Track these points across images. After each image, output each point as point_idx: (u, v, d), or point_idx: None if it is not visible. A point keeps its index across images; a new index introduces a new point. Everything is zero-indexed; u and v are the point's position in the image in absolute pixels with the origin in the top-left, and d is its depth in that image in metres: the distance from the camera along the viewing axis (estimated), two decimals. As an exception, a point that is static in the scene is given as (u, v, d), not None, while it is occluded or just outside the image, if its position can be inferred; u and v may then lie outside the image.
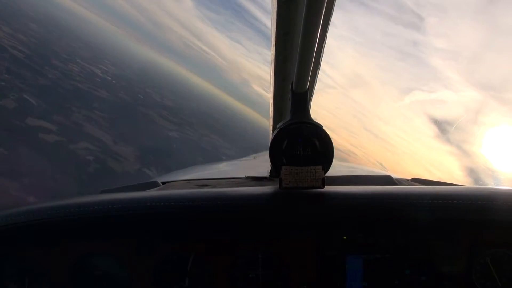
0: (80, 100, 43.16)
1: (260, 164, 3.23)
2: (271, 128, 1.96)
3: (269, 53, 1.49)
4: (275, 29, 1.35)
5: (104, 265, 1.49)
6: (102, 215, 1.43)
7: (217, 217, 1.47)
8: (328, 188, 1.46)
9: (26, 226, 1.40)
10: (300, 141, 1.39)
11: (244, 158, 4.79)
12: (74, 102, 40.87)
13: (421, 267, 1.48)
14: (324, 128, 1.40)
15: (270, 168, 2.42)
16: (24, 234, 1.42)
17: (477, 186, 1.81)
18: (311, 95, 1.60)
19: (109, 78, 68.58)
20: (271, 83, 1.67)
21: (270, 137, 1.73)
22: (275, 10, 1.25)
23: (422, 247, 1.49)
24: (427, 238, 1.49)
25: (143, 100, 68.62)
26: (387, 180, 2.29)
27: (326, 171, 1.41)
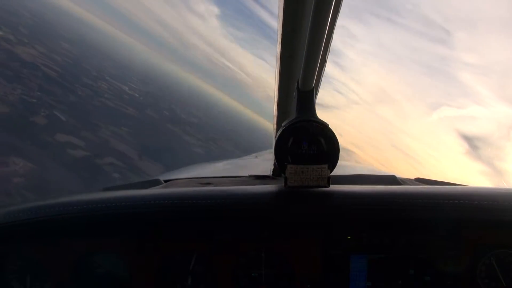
0: (107, 116, 44.19)
1: (262, 163, 3.31)
2: (275, 126, 1.95)
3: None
4: (281, 26, 1.33)
5: (106, 263, 1.49)
6: (104, 212, 1.40)
7: (220, 215, 1.44)
8: (333, 187, 1.44)
9: (27, 224, 1.38)
10: (306, 139, 1.36)
11: (246, 157, 4.75)
12: (102, 119, 41.86)
13: (425, 267, 1.47)
14: (330, 126, 1.38)
15: (272, 167, 2.44)
16: (26, 231, 1.40)
17: (482, 186, 1.76)
18: (317, 94, 1.57)
19: (137, 95, 70.31)
20: (276, 80, 1.66)
21: (274, 135, 1.76)
22: (282, 6, 1.24)
23: (427, 247, 1.47)
24: (432, 238, 1.47)
25: (168, 117, 69.88)
26: (391, 179, 2.31)
27: (331, 170, 1.39)
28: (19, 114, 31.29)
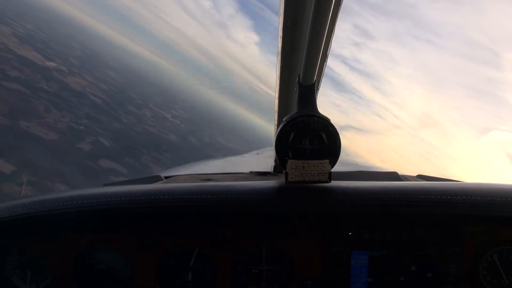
0: (150, 143, 44.85)
1: (263, 160, 3.31)
2: (275, 121, 1.95)
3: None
4: (282, 20, 1.34)
5: (107, 259, 1.48)
6: (105, 208, 1.40)
7: (221, 211, 1.43)
8: (334, 183, 1.43)
9: (28, 219, 1.37)
10: (307, 134, 1.35)
11: (246, 154, 4.70)
12: (145, 145, 42.45)
13: (427, 263, 1.46)
14: (331, 121, 1.37)
15: (273, 164, 2.47)
16: (26, 227, 1.39)
17: (485, 182, 1.65)
18: (318, 89, 1.56)
19: (178, 122, 71.70)
20: (277, 75, 1.66)
21: (275, 130, 1.81)
22: (283, 0, 1.25)
23: (429, 244, 1.46)
24: (434, 235, 1.46)
25: (209, 143, 70.46)
26: (393, 176, 2.32)
27: (333, 165, 1.38)
28: (66, 141, 32.12)
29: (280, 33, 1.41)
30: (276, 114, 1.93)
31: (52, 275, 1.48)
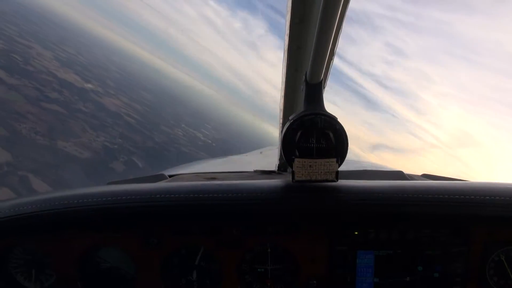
0: (182, 162, 44.96)
1: (267, 159, 3.41)
2: (281, 120, 1.93)
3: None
4: (289, 17, 1.34)
5: (111, 257, 1.49)
6: (109, 206, 1.39)
7: (226, 210, 1.41)
8: (340, 182, 1.42)
9: (32, 217, 1.36)
10: (314, 133, 1.34)
11: (250, 153, 4.64)
12: (177, 164, 42.51)
13: (433, 263, 1.45)
14: (338, 120, 1.36)
15: (277, 163, 2.45)
16: (30, 225, 1.38)
17: (492, 181, 1.63)
18: (325, 86, 1.56)
19: (209, 141, 72.20)
20: (283, 73, 1.65)
21: (280, 128, 1.79)
22: None
23: (435, 243, 1.45)
24: (440, 234, 1.45)
25: (240, 162, 70.07)
26: (399, 175, 2.31)
27: (340, 164, 1.37)
28: (100, 160, 32.55)
29: (287, 31, 1.40)
30: (281, 113, 1.89)
31: (57, 274, 1.47)
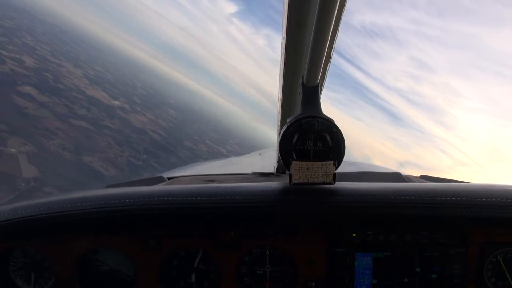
0: (204, 178, 45.03)
1: (265, 161, 3.28)
2: (279, 122, 1.94)
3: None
4: (286, 20, 1.36)
5: (110, 260, 1.47)
6: (108, 209, 1.36)
7: (225, 212, 1.38)
8: (338, 184, 1.39)
9: (31, 221, 1.35)
10: (311, 135, 1.32)
11: (249, 155, 4.45)
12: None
13: (431, 265, 1.45)
14: (335, 122, 1.33)
15: (276, 164, 2.47)
16: (29, 228, 1.37)
17: (489, 183, 1.59)
18: (322, 89, 1.56)
19: (232, 156, 72.21)
20: (280, 76, 1.66)
21: (278, 131, 1.83)
22: (287, 1, 1.28)
23: (433, 245, 1.45)
24: (438, 236, 1.45)
25: (263, 178, 69.75)
26: (397, 176, 2.29)
27: (337, 167, 1.34)
28: (124, 176, 33.03)
29: (284, 34, 1.42)
30: (279, 115, 1.90)
31: (56, 277, 1.45)
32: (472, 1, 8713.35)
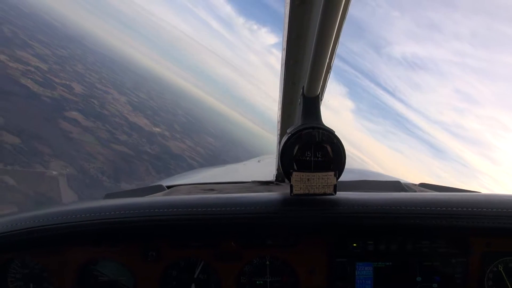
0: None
1: (264, 168, 3.47)
2: (278, 131, 1.94)
3: None
4: (287, 33, 1.36)
5: (110, 271, 1.47)
6: (108, 220, 1.38)
7: (226, 223, 1.41)
8: (338, 195, 1.42)
9: (30, 232, 1.37)
10: (312, 146, 1.34)
11: (248, 162, 4.69)
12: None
13: (432, 274, 1.46)
14: (336, 133, 1.37)
15: (275, 172, 2.45)
16: (29, 240, 1.38)
17: (490, 193, 1.65)
18: (322, 100, 1.57)
19: (269, 187, 71.16)
20: (280, 87, 1.67)
21: (278, 141, 1.85)
22: (287, 13, 1.27)
23: (434, 254, 1.46)
24: (439, 245, 1.46)
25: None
26: (396, 185, 2.28)
27: (338, 178, 1.37)
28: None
29: (284, 45, 1.42)
30: (279, 125, 1.91)
31: None
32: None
